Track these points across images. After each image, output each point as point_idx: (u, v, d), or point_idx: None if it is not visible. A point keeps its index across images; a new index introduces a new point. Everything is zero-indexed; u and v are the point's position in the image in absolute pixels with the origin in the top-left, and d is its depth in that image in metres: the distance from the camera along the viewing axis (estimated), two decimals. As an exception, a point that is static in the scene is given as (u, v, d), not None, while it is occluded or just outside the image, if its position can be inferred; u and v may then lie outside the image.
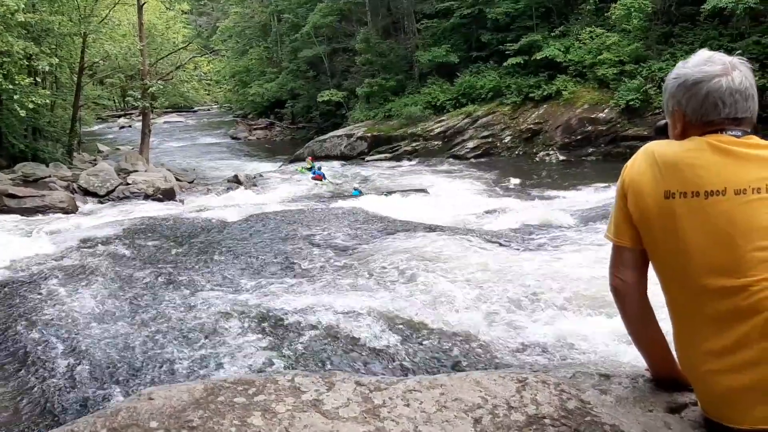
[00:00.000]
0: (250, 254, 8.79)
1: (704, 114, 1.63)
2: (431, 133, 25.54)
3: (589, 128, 21.89)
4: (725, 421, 1.59)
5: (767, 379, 1.49)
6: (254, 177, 22.48)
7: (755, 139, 1.60)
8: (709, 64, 1.64)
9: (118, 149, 30.87)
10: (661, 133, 1.86)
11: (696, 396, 1.71)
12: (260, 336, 5.77)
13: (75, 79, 23.84)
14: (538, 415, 1.73)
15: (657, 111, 19.43)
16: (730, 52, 1.70)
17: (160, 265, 8.42)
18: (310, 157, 24.23)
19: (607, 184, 15.07)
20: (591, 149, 21.79)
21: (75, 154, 24.32)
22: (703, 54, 1.69)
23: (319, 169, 21.64)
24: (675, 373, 1.81)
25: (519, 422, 1.71)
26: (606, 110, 21.72)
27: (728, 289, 1.53)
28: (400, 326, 5.80)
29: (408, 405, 1.79)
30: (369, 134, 26.70)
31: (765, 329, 1.49)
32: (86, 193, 17.60)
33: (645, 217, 1.65)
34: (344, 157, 26.12)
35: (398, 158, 25.05)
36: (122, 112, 50.25)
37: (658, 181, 1.62)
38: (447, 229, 9.94)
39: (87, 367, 5.35)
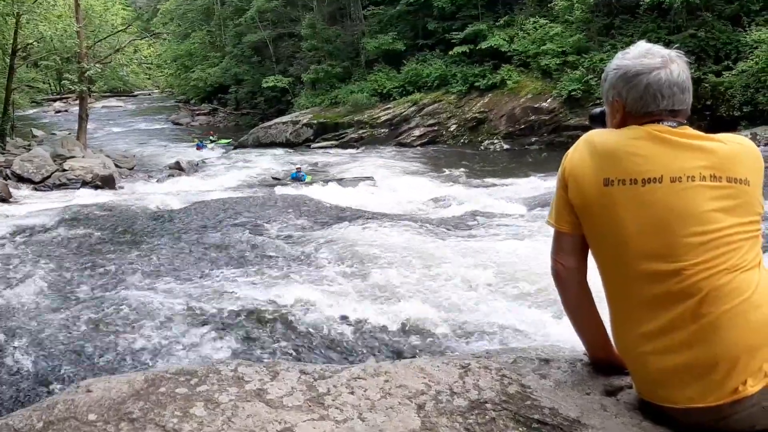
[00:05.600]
0: (193, 243, 8.63)
1: (644, 105, 1.67)
2: (378, 121, 25.55)
3: (533, 117, 22.28)
4: (659, 401, 1.64)
5: (699, 359, 1.55)
6: (197, 163, 22.09)
7: (689, 130, 1.66)
8: (649, 57, 1.68)
9: (53, 134, 29.82)
10: (595, 120, 1.91)
11: (631, 378, 1.77)
12: (203, 326, 5.69)
13: (7, 60, 22.87)
14: (480, 400, 1.76)
15: (598, 101, 19.85)
16: (668, 44, 1.74)
17: (98, 255, 8.19)
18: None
19: (549, 173, 15.36)
20: (534, 138, 22.18)
21: (8, 138, 23.39)
22: (643, 46, 1.73)
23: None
24: (612, 358, 1.86)
25: (462, 407, 1.73)
26: (549, 100, 22.14)
27: (663, 274, 1.58)
28: (345, 315, 5.80)
29: (352, 393, 1.80)
30: (315, 121, 26.52)
31: (697, 312, 1.55)
32: (20, 179, 16.97)
33: (585, 204, 1.69)
34: (290, 144, 25.90)
35: (345, 145, 24.98)
36: (58, 96, 48.45)
37: (598, 169, 1.66)
38: (392, 217, 9.98)
39: (22, 360, 5.18)
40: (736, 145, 1.64)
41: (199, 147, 27.02)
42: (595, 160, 1.67)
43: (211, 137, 28.30)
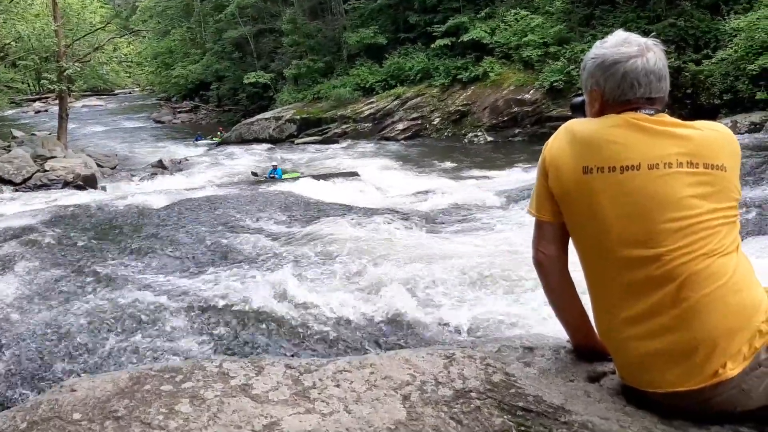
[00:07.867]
0: (177, 241, 8.59)
1: (621, 94, 1.68)
2: (361, 115, 25.50)
3: (516, 109, 22.32)
4: (642, 386, 1.66)
5: (679, 343, 1.57)
6: (180, 161, 21.96)
7: (667, 117, 1.67)
8: (626, 45, 1.69)
9: (33, 135, 29.41)
10: (577, 109, 1.91)
11: (614, 364, 1.78)
12: (188, 324, 5.67)
13: (-15, 61, 22.61)
14: (465, 389, 1.77)
15: (580, 92, 19.90)
16: (647, 34, 1.75)
17: (82, 255, 8.12)
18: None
19: (533, 165, 15.40)
20: (517, 130, 22.23)
21: (-14, 140, 23.11)
22: (620, 35, 1.74)
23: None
24: (594, 344, 1.87)
25: (446, 397, 1.74)
26: (531, 91, 22.18)
27: (643, 259, 1.59)
28: (330, 309, 5.80)
29: (338, 385, 1.80)
30: (298, 117, 26.43)
31: (676, 296, 1.56)
32: (0, 181, 16.77)
33: (565, 192, 1.70)
34: (273, 140, 25.79)
35: (328, 141, 24.92)
36: (37, 96, 47.86)
37: (577, 158, 1.67)
38: (377, 211, 9.98)
39: (5, 361, 5.14)
40: (712, 131, 1.66)
41: (197, 140, 28.13)
42: (575, 148, 1.69)
43: (219, 132, 28.68)
